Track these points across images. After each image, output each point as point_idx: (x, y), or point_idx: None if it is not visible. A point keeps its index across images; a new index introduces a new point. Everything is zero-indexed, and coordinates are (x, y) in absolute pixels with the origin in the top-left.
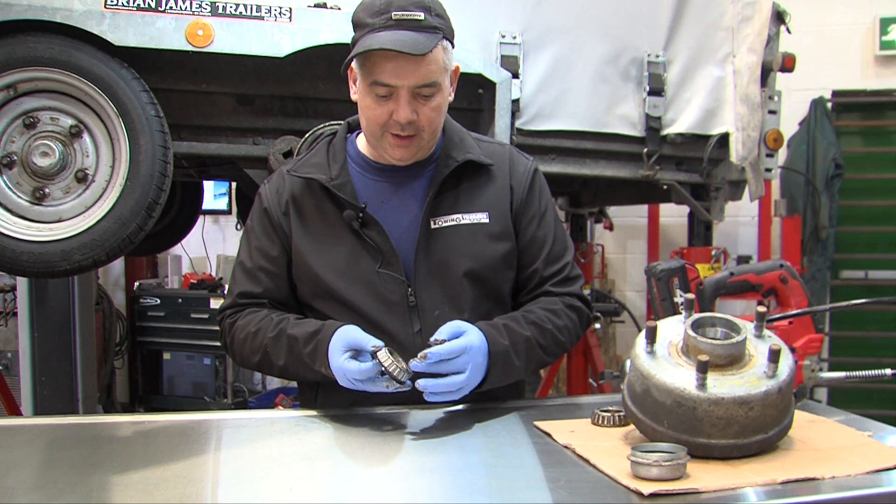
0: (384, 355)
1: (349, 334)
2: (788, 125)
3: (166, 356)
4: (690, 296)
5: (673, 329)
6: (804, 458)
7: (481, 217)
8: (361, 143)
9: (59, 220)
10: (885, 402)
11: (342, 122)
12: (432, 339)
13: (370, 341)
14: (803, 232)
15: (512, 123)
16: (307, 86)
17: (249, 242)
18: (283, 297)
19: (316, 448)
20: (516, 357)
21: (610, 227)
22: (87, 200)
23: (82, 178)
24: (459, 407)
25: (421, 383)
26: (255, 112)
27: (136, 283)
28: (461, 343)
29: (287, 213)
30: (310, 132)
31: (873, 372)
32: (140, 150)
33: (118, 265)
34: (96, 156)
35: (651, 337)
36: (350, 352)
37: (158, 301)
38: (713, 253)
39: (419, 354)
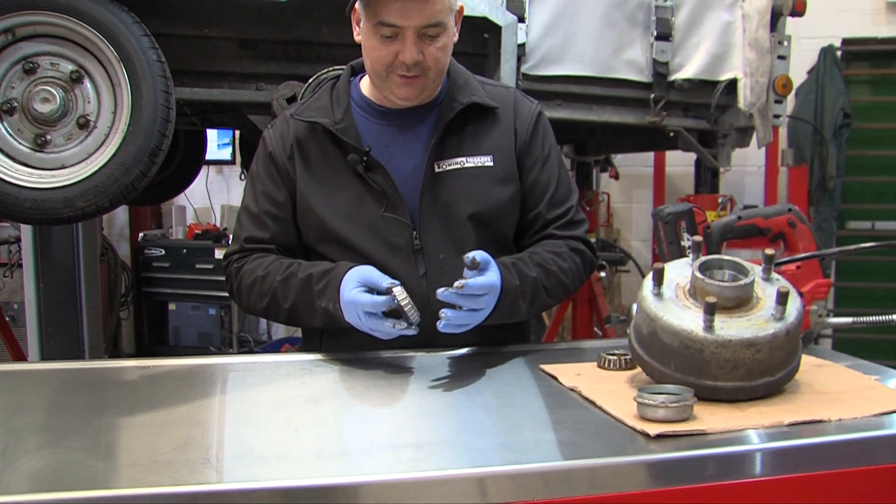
0: (400, 291)
1: (364, 272)
2: (797, 74)
3: (171, 307)
4: (698, 238)
5: (680, 272)
6: (811, 401)
7: (485, 160)
8: (365, 86)
9: (62, 167)
10: (891, 352)
11: (346, 66)
12: (468, 258)
13: (385, 279)
14: (810, 182)
15: (517, 68)
16: (310, 30)
17: (255, 187)
18: (291, 243)
19: (321, 390)
20: (522, 298)
21: (615, 176)
22: (90, 147)
23: (84, 125)
24: (464, 351)
25: (447, 312)
26: (258, 57)
27: (141, 234)
28: (490, 280)
29: (292, 158)
30: (313, 77)
31: (880, 317)
32: (142, 96)
33: (122, 216)
34: (98, 102)
35: (658, 279)
36: (363, 287)
37: (163, 252)
38: (720, 200)
39: (455, 283)
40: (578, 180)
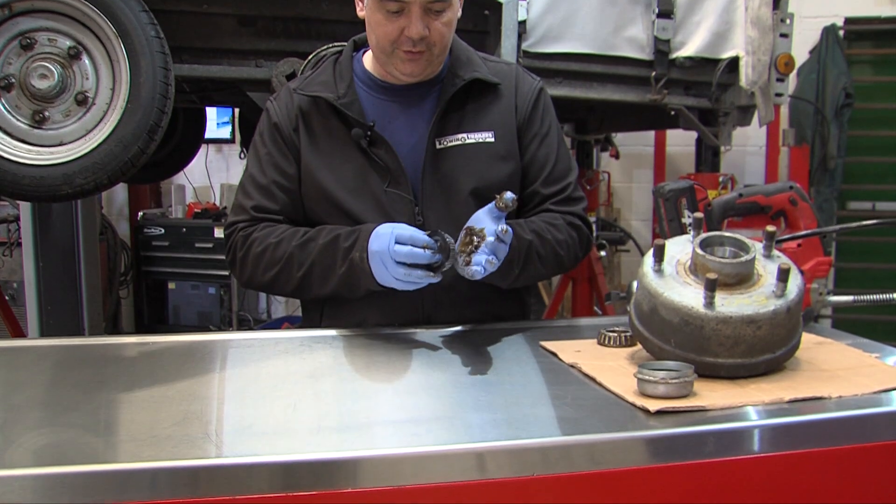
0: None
1: (399, 225)
2: (799, 54)
3: (171, 286)
4: (699, 214)
5: (681, 248)
6: (811, 378)
7: (487, 136)
8: (368, 61)
9: (60, 144)
10: (890, 333)
11: (346, 43)
12: (508, 197)
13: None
14: (811, 162)
15: (518, 46)
16: (310, 6)
17: (260, 157)
18: (299, 216)
19: (321, 366)
20: (516, 261)
21: (616, 156)
22: (88, 123)
23: (82, 101)
24: (464, 327)
25: (490, 257)
26: (258, 33)
27: (140, 213)
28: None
29: (297, 130)
30: (313, 54)
31: (881, 296)
32: (140, 72)
33: (121, 195)
34: (96, 78)
35: (659, 255)
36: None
37: (162, 231)
38: (720, 179)
39: (500, 228)
40: (579, 159)
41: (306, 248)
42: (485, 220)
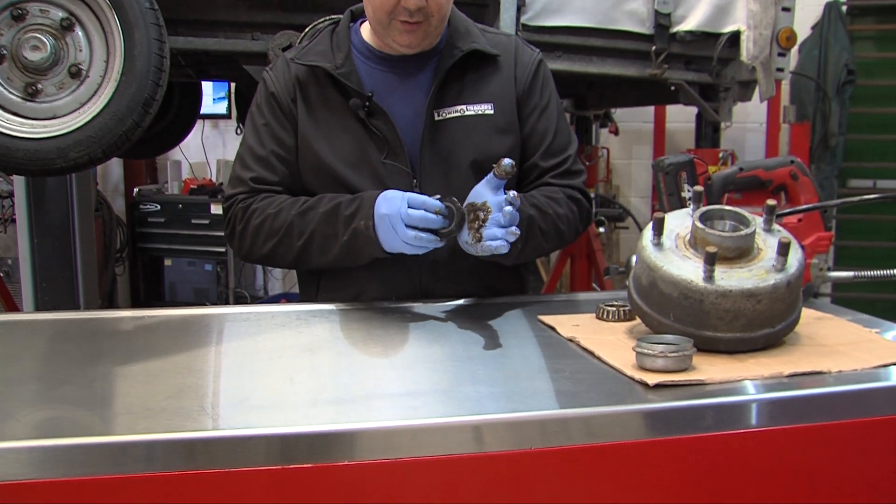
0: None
1: (406, 192)
2: (801, 29)
3: (167, 262)
4: (699, 188)
5: (680, 222)
6: (811, 353)
7: (486, 108)
8: (366, 32)
9: (54, 117)
10: (890, 311)
11: (342, 15)
12: (506, 163)
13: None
14: (812, 139)
15: (517, 19)
16: None
17: (258, 128)
18: (298, 188)
19: (318, 340)
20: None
21: (615, 132)
22: (82, 96)
23: (76, 74)
24: (462, 301)
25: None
26: (254, 6)
27: (136, 189)
28: None
29: (295, 100)
30: (310, 26)
31: (881, 272)
32: (135, 44)
33: (117, 171)
34: (90, 50)
35: (658, 229)
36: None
37: (158, 207)
38: (721, 155)
39: (513, 194)
40: (578, 135)
41: (306, 217)
42: (485, 194)
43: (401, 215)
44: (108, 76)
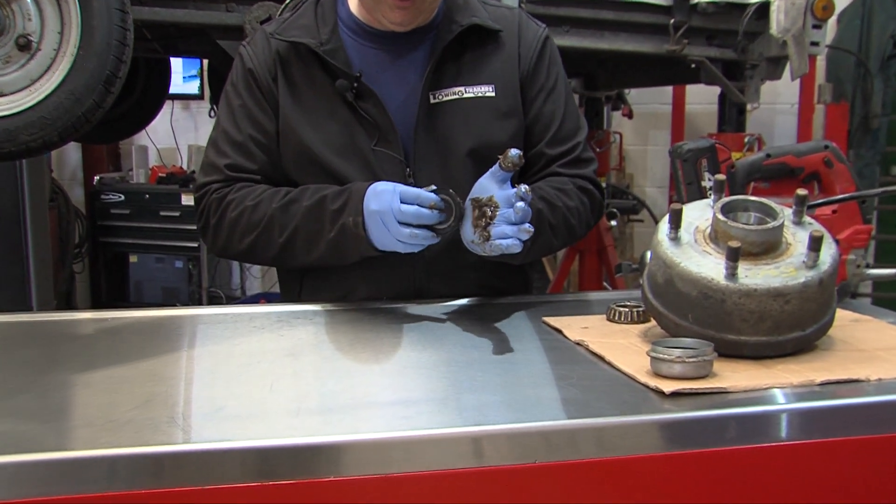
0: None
1: (398, 185)
2: None
3: (133, 259)
4: (721, 177)
5: (700, 214)
6: (846, 359)
7: (486, 90)
8: (354, 4)
9: (1, 95)
10: None
11: None
12: (513, 154)
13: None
14: (851, 121)
15: None
16: None
17: (234, 110)
18: (279, 177)
19: (301, 344)
20: None
21: (629, 115)
22: (33, 72)
23: (25, 46)
24: (461, 302)
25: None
26: None
27: (97, 178)
28: None
29: (275, 79)
30: None
31: None
32: (93, 14)
33: (75, 157)
34: (40, 19)
35: (675, 221)
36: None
37: (122, 197)
38: (746, 140)
39: (524, 188)
40: (587, 119)
41: (289, 211)
42: (490, 188)
43: (393, 212)
44: (63, 49)
